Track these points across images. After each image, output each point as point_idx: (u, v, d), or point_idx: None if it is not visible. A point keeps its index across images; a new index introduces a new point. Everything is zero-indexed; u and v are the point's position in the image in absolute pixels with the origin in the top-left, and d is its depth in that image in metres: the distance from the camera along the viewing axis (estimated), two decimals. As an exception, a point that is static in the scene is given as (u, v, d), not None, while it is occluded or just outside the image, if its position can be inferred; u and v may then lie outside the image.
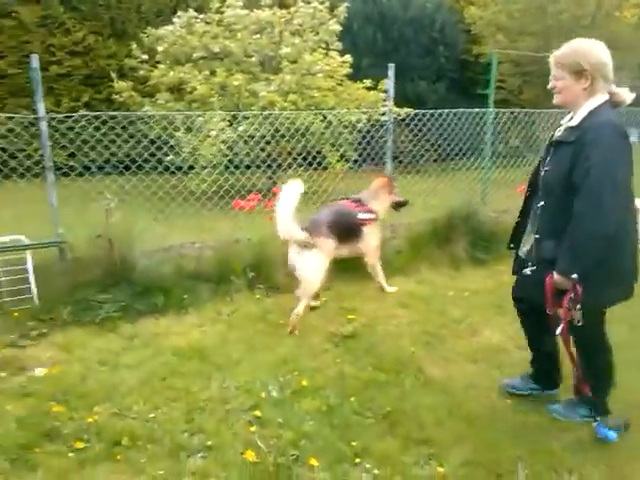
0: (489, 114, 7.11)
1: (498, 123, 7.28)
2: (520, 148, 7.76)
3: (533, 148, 7.65)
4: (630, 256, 2.80)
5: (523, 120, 7.40)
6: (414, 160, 7.24)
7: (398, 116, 6.93)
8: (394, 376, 3.54)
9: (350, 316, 4.43)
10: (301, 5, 9.36)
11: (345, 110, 7.72)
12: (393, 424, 3.05)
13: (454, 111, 6.64)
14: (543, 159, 2.95)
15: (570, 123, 2.79)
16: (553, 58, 2.80)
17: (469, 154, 7.28)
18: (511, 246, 3.23)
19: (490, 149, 7.23)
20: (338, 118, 7.71)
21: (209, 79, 8.48)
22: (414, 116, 6.61)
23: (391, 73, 5.99)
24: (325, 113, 7.56)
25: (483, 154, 7.24)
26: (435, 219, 5.80)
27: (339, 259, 4.61)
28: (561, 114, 3.20)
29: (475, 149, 7.27)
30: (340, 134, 7.90)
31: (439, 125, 6.64)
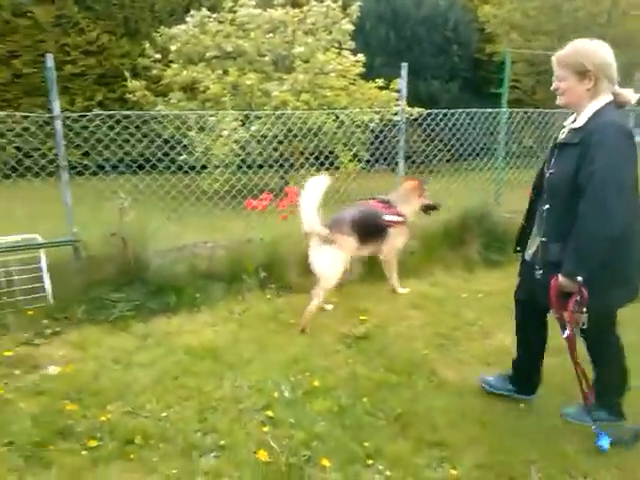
0: (503, 114, 7.07)
1: (512, 123, 7.23)
2: (534, 148, 7.68)
3: (547, 148, 7.59)
4: (636, 258, 2.77)
5: (537, 120, 7.34)
6: (427, 160, 7.20)
7: (410, 116, 6.91)
8: (406, 378, 3.54)
9: (362, 317, 4.42)
10: (314, 4, 9.36)
11: (357, 110, 7.71)
12: (405, 426, 3.04)
13: (467, 111, 6.60)
14: (547, 161, 2.93)
15: (574, 125, 2.76)
16: (556, 58, 2.77)
17: (482, 154, 7.23)
18: (517, 249, 3.21)
19: (504, 149, 7.18)
20: (350, 118, 7.70)
21: (222, 78, 8.50)
22: (427, 116, 6.58)
23: (404, 72, 5.96)
24: (337, 113, 7.56)
25: (496, 154, 7.20)
26: (448, 220, 5.77)
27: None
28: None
29: (488, 149, 7.23)
30: (352, 134, 7.90)
31: (452, 125, 6.60)
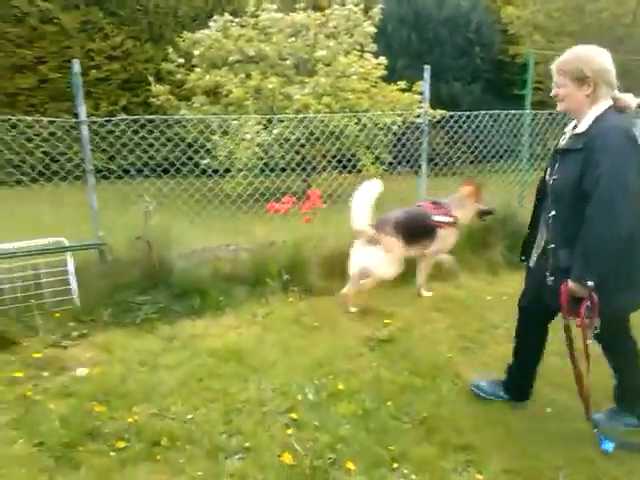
0: (526, 116, 7.01)
1: (536, 125, 7.16)
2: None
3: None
4: None
5: (561, 122, 7.23)
6: (450, 162, 7.17)
7: (433, 118, 6.88)
8: (431, 381, 3.52)
9: (386, 320, 4.41)
10: (336, 7, 9.39)
11: (379, 112, 7.70)
12: (430, 429, 3.03)
13: (490, 113, 6.56)
14: (550, 168, 2.91)
15: (576, 130, 2.75)
16: (555, 65, 2.77)
17: (506, 156, 7.18)
18: (522, 258, 3.20)
19: (528, 151, 7.11)
20: (372, 120, 7.69)
21: (244, 82, 8.56)
22: (449, 118, 6.55)
23: (427, 75, 5.93)
24: (359, 115, 7.56)
25: (520, 156, 7.13)
26: (472, 222, 5.72)
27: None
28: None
29: (512, 151, 7.17)
30: (375, 136, 7.89)
31: (475, 127, 6.57)
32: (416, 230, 4.63)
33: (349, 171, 6.59)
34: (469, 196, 4.90)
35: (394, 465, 2.74)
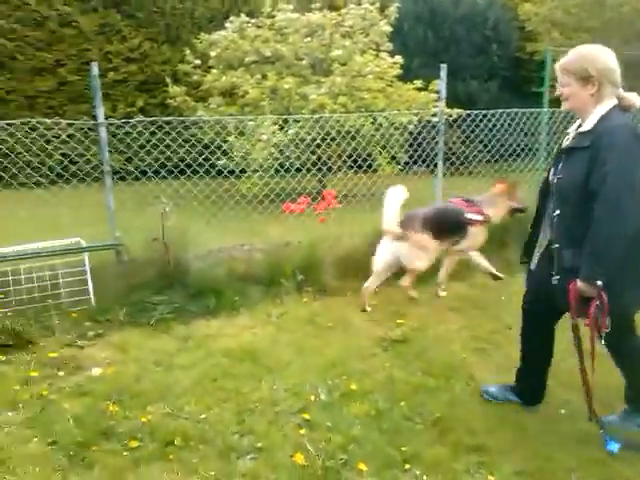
0: (544, 114, 6.93)
1: (554, 122, 7.08)
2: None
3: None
4: None
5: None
6: (466, 162, 7.12)
7: (449, 117, 6.84)
8: (444, 382, 3.50)
9: (399, 320, 4.40)
10: (352, 7, 9.37)
11: (395, 112, 7.68)
12: (443, 430, 3.01)
13: (508, 111, 6.50)
14: (554, 168, 2.90)
15: (581, 129, 2.74)
16: (559, 65, 2.78)
17: (523, 155, 7.11)
18: (524, 260, 3.20)
19: (545, 150, 7.04)
20: (388, 120, 7.67)
21: (260, 83, 8.59)
22: (466, 117, 6.51)
23: (443, 74, 5.88)
24: (375, 115, 7.54)
25: (538, 155, 7.06)
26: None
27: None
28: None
29: (530, 150, 7.10)
30: (391, 136, 7.87)
31: (492, 126, 6.51)
32: (445, 226, 4.63)
33: (364, 171, 6.58)
34: (502, 194, 4.86)
35: (406, 466, 2.73)
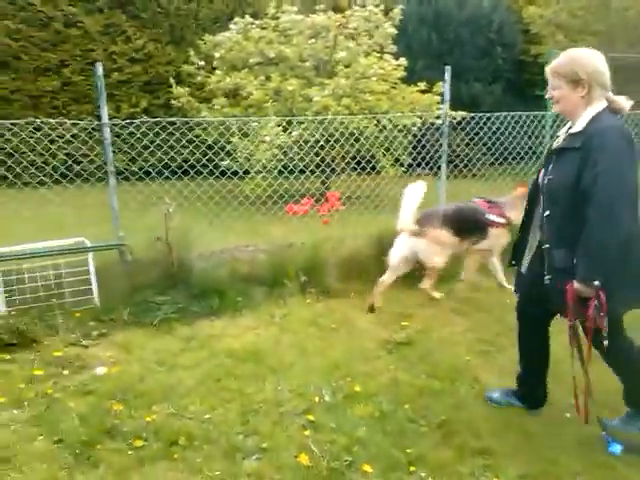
0: (548, 117, 6.92)
1: (558, 126, 7.07)
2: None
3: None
4: (639, 261, 2.72)
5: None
6: (470, 164, 7.11)
7: (453, 119, 6.84)
8: (449, 384, 3.50)
9: (404, 322, 4.40)
10: (356, 9, 9.38)
11: (399, 114, 7.68)
12: (448, 433, 3.01)
13: (512, 114, 6.50)
14: (544, 168, 2.91)
15: (572, 130, 2.75)
16: (550, 68, 2.79)
17: (527, 158, 7.10)
18: (513, 263, 3.20)
19: (549, 153, 7.01)
20: (392, 122, 7.67)
21: (264, 84, 8.59)
22: (470, 119, 6.50)
23: (447, 76, 5.88)
24: (379, 117, 7.54)
25: (542, 158, 7.04)
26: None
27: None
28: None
29: (534, 153, 7.08)
30: (394, 138, 7.87)
31: (496, 129, 6.51)
32: (465, 224, 4.65)
33: (368, 173, 6.58)
34: (523, 197, 4.87)
35: (411, 468, 2.73)
